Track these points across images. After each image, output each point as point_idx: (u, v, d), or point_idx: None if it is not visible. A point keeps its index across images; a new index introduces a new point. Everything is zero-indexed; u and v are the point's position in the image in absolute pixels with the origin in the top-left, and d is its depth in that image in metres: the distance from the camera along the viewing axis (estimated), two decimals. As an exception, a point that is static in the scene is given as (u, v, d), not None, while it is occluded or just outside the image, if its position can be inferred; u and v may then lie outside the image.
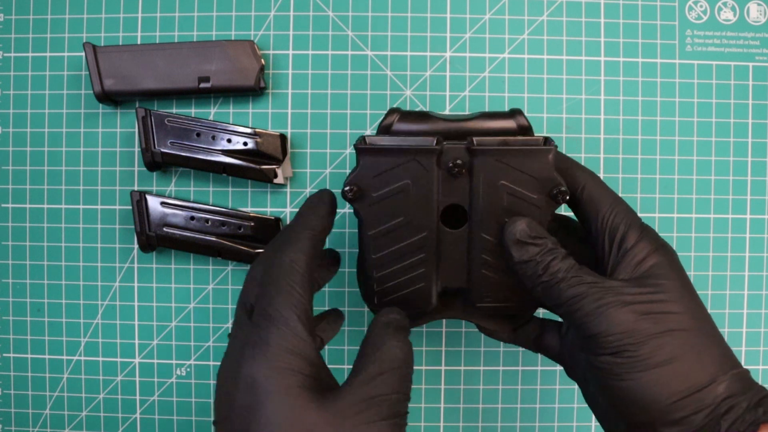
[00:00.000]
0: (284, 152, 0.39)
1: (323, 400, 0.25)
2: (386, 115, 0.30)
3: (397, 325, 0.28)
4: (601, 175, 0.41)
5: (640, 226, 0.29)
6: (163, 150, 0.38)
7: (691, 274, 0.41)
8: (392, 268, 0.31)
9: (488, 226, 0.30)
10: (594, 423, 0.41)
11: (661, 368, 0.26)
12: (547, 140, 0.29)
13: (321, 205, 0.30)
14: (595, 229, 0.30)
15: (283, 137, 0.39)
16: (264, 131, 0.39)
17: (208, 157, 0.38)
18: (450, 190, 0.30)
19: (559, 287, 0.28)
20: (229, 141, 0.38)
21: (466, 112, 0.37)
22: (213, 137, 0.38)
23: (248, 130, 0.39)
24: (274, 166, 0.39)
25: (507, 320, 0.34)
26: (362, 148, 0.29)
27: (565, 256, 0.28)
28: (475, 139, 0.29)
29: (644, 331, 0.27)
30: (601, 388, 0.28)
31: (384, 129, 0.30)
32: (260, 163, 0.39)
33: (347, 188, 0.29)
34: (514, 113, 0.31)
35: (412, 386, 0.26)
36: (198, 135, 0.38)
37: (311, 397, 0.25)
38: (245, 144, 0.38)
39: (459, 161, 0.29)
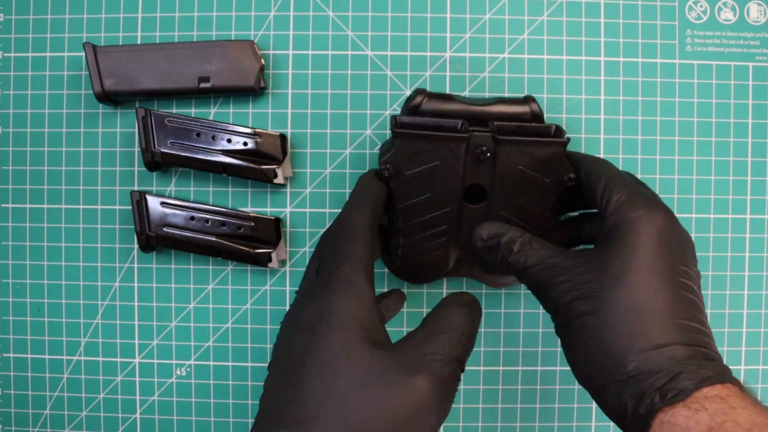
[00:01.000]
0: (284, 152, 0.39)
1: (377, 350, 0.26)
2: (414, 96, 0.35)
3: (466, 300, 0.29)
4: (601, 175, 0.41)
5: (627, 189, 0.31)
6: (163, 150, 0.38)
7: (691, 274, 0.41)
8: (417, 236, 0.35)
9: (506, 203, 0.34)
10: (594, 423, 0.41)
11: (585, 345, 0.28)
12: (557, 128, 0.33)
13: (375, 179, 0.33)
14: (597, 206, 0.32)
15: (283, 137, 0.39)
16: (264, 131, 0.39)
17: (208, 157, 0.38)
18: (474, 171, 0.33)
19: (524, 275, 0.31)
20: (229, 141, 0.38)
21: (486, 96, 0.39)
22: (213, 137, 0.38)
23: (248, 130, 0.39)
24: (274, 166, 0.39)
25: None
26: (399, 132, 0.32)
27: (521, 246, 0.31)
28: (496, 124, 0.33)
29: (577, 309, 0.28)
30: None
31: (413, 109, 0.35)
32: (260, 163, 0.39)
33: (384, 167, 0.33)
34: (528, 100, 0.35)
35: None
36: (198, 135, 0.38)
37: (366, 345, 0.26)
38: (245, 144, 0.38)
39: (484, 148, 0.33)
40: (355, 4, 0.40)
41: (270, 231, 0.39)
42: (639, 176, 0.40)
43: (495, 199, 0.34)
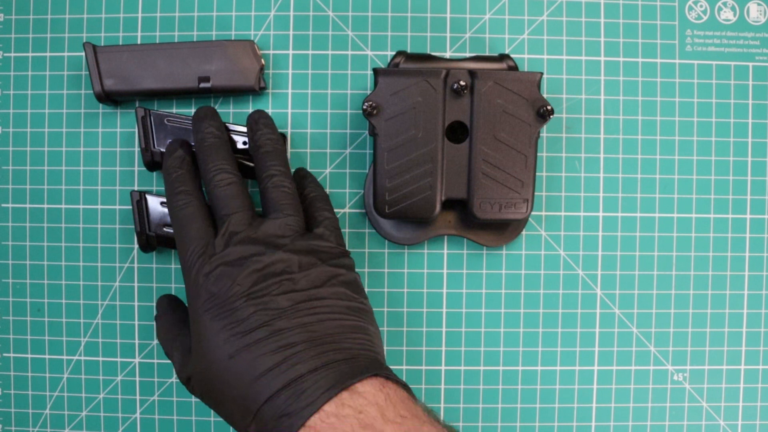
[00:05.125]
0: None
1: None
2: (394, 57, 0.37)
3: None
4: (601, 175, 0.41)
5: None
6: (162, 150, 0.38)
7: (691, 274, 0.41)
8: (402, 179, 0.36)
9: (487, 139, 0.35)
10: (594, 423, 0.41)
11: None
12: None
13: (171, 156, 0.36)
14: None
15: (282, 136, 0.39)
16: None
17: None
18: (454, 108, 0.36)
19: None
20: None
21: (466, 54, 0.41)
22: None
23: (236, 128, 0.38)
24: None
25: (500, 233, 0.39)
26: (380, 69, 0.35)
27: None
28: (475, 66, 0.37)
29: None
30: None
31: (393, 67, 0.37)
32: None
33: (366, 104, 0.35)
34: (503, 57, 0.38)
35: (413, 386, 0.26)
36: None
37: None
38: (244, 143, 0.38)
39: (463, 82, 0.35)
40: (355, 4, 0.40)
41: None
42: (639, 176, 0.41)
43: (476, 134, 0.35)
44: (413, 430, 0.27)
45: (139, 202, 0.39)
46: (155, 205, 0.39)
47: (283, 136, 0.39)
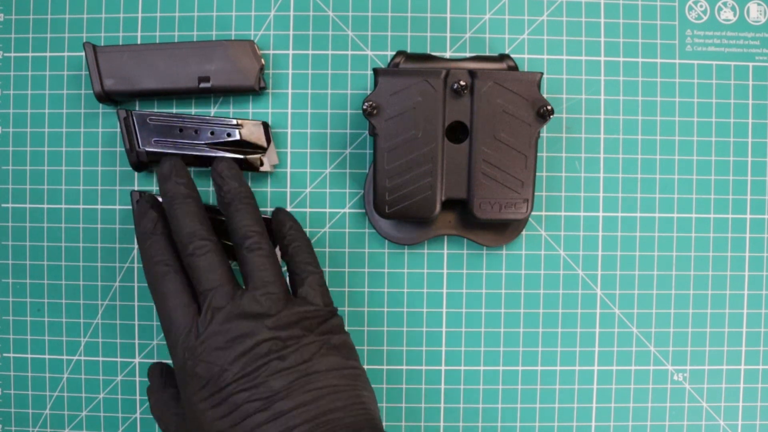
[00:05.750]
0: (268, 140, 0.39)
1: None
2: (394, 57, 0.37)
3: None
4: (601, 175, 0.41)
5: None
6: (147, 149, 0.38)
7: (691, 274, 0.41)
8: (402, 179, 0.36)
9: (487, 139, 0.35)
10: (594, 423, 0.41)
11: None
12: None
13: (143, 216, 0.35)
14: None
15: (265, 125, 0.39)
16: (246, 120, 0.38)
17: (193, 152, 0.38)
18: (454, 108, 0.36)
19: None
20: (212, 134, 0.38)
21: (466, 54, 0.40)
22: (196, 131, 0.38)
23: (231, 121, 0.38)
24: (259, 155, 0.39)
25: (500, 233, 0.39)
26: (380, 69, 0.35)
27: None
28: (475, 66, 0.37)
29: None
30: None
31: (393, 67, 0.37)
32: (245, 153, 0.38)
33: (366, 104, 0.35)
34: (503, 57, 0.38)
35: (413, 386, 0.26)
36: (181, 130, 0.38)
37: None
38: (228, 135, 0.38)
39: (463, 82, 0.35)
40: (355, 4, 0.40)
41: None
42: (639, 176, 0.41)
43: (476, 135, 0.35)
44: None
45: (140, 202, 0.39)
46: None
47: (266, 124, 0.38)
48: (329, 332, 0.33)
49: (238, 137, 0.38)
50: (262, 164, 0.39)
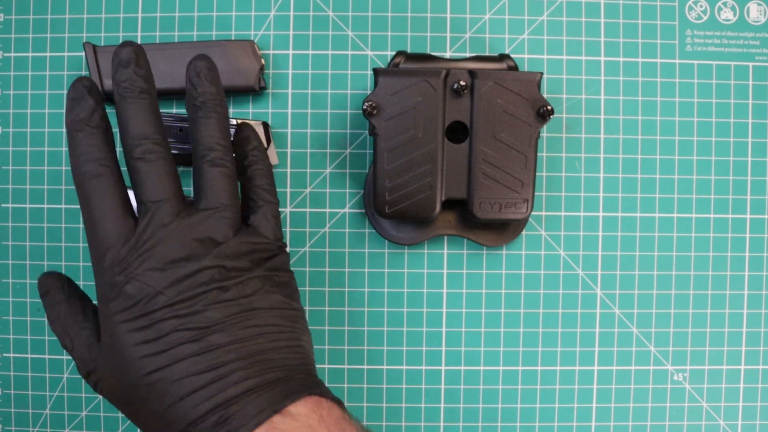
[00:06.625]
0: (268, 140, 0.39)
1: None
2: (394, 57, 0.37)
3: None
4: (601, 175, 0.41)
5: None
6: None
7: (691, 274, 0.41)
8: (402, 179, 0.36)
9: (487, 139, 0.36)
10: (594, 423, 0.41)
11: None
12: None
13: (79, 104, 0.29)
14: None
15: (265, 125, 0.39)
16: (246, 120, 0.38)
17: None
18: (454, 108, 0.36)
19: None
20: None
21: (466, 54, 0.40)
22: None
23: (231, 121, 0.38)
24: None
25: (500, 233, 0.39)
26: (380, 69, 0.35)
27: None
28: (475, 66, 0.37)
29: None
30: None
31: (393, 67, 0.37)
32: None
33: (366, 104, 0.35)
34: (503, 57, 0.38)
35: (413, 386, 0.26)
36: (181, 130, 0.38)
37: None
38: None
39: (463, 82, 0.35)
40: (355, 4, 0.40)
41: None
42: (639, 176, 0.41)
43: (476, 135, 0.35)
44: None
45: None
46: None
47: (266, 124, 0.38)
48: (276, 269, 0.31)
49: None
50: None
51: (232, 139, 0.32)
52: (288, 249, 0.40)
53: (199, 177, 0.30)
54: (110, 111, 0.40)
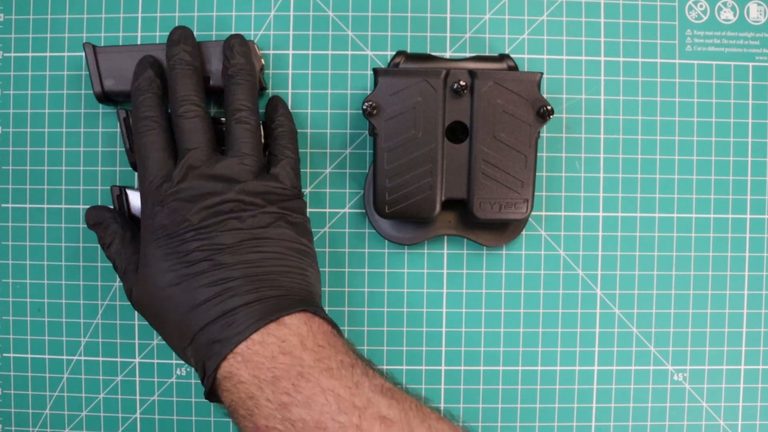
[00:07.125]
0: (266, 138, 0.39)
1: None
2: (394, 57, 0.37)
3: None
4: (601, 175, 0.41)
5: None
6: None
7: (691, 274, 0.41)
8: (402, 179, 0.36)
9: (487, 139, 0.36)
10: (594, 423, 0.41)
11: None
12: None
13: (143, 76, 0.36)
14: None
15: (265, 125, 0.39)
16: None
17: None
18: (454, 108, 0.36)
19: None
20: None
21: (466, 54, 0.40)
22: None
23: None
24: None
25: (500, 233, 0.39)
26: (380, 69, 0.36)
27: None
28: (475, 66, 0.37)
29: None
30: None
31: (393, 67, 0.37)
32: None
33: (366, 104, 0.35)
34: (503, 57, 0.38)
35: (413, 386, 0.26)
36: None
37: None
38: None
39: (463, 82, 0.35)
40: (355, 4, 0.40)
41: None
42: (639, 176, 0.41)
43: (476, 134, 0.36)
44: (327, 357, 0.30)
45: (120, 196, 0.38)
46: (135, 200, 0.38)
47: (265, 124, 0.38)
48: (290, 210, 0.35)
49: None
50: None
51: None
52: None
53: (228, 134, 0.35)
54: (110, 111, 0.40)
